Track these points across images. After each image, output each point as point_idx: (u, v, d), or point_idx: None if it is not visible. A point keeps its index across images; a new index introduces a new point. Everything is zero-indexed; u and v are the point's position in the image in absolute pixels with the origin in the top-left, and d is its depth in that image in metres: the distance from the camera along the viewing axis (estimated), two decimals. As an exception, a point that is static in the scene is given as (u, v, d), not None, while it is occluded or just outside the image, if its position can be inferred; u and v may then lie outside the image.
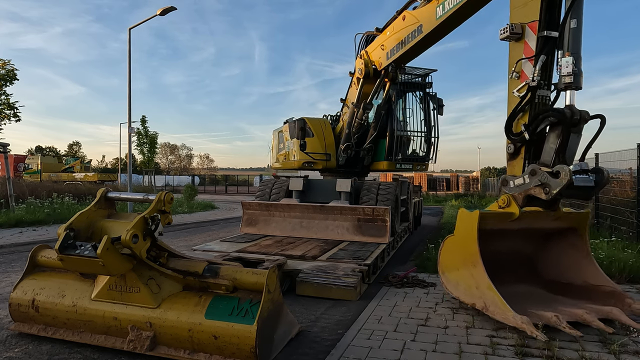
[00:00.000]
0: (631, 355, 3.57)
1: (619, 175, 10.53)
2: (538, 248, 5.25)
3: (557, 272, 5.05)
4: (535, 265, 5.24)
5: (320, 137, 9.91)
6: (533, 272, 5.19)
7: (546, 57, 4.70)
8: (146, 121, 34.78)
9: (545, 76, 4.78)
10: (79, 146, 78.46)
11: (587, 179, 4.49)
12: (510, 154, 4.96)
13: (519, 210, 4.61)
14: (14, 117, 17.85)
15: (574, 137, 4.56)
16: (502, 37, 5.04)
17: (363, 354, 3.61)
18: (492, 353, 3.61)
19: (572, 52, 4.50)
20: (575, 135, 4.56)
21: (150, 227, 3.49)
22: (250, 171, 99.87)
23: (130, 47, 16.74)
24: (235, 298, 3.47)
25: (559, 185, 4.25)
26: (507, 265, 5.00)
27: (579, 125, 4.52)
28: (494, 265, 4.36)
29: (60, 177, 35.50)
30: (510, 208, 4.67)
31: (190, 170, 75.54)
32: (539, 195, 4.45)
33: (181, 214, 18.60)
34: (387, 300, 5.27)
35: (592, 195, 4.69)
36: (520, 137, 4.79)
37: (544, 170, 4.39)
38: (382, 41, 8.35)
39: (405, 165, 9.90)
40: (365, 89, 9.01)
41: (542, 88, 4.77)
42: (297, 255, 6.43)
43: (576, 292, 4.75)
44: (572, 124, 4.48)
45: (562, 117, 4.47)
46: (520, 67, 4.86)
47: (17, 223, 12.94)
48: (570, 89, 4.55)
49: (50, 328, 3.86)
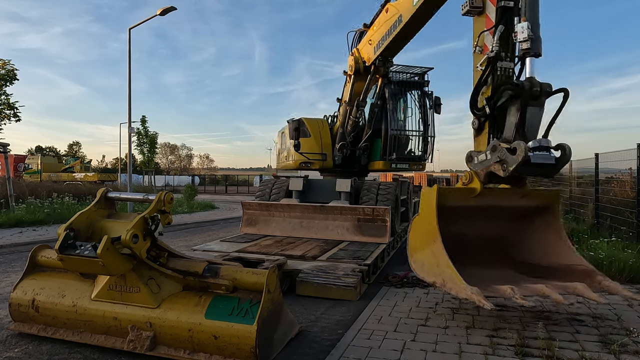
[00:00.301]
0: (631, 355, 3.57)
1: (619, 175, 10.54)
2: (512, 228, 5.07)
3: (531, 253, 4.90)
4: (510, 246, 5.07)
5: (317, 137, 9.93)
6: (508, 254, 5.02)
7: (504, 27, 4.59)
8: (146, 121, 34.75)
9: (507, 48, 4.66)
10: (79, 146, 78.51)
11: (547, 156, 4.26)
12: (475, 130, 4.84)
13: (480, 186, 4.48)
14: (14, 117, 17.83)
15: (535, 110, 4.35)
16: (464, 12, 4.98)
17: (363, 354, 3.61)
18: (492, 353, 3.61)
19: (529, 18, 4.35)
20: (537, 109, 4.36)
21: (150, 227, 3.49)
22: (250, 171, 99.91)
23: (130, 47, 16.75)
24: (235, 298, 3.47)
25: (515, 162, 4.08)
26: (480, 247, 4.87)
27: (540, 98, 4.32)
28: (465, 246, 4.31)
29: (60, 177, 35.50)
30: (473, 184, 4.55)
31: (190, 170, 75.54)
32: (498, 172, 4.29)
33: (181, 214, 18.60)
34: (387, 300, 5.27)
35: (553, 173, 4.46)
36: (483, 111, 4.65)
37: (503, 147, 4.23)
38: (369, 36, 8.35)
39: (401, 165, 9.86)
40: (357, 86, 9.00)
41: (503, 60, 4.65)
42: (297, 255, 6.43)
43: (550, 272, 4.61)
44: (531, 96, 4.29)
45: (518, 90, 4.29)
46: (482, 41, 4.80)
47: (17, 223, 12.94)
48: (528, 56, 4.38)
49: (50, 328, 3.86)
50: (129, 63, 16.83)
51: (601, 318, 4.53)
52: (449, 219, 4.33)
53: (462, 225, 4.69)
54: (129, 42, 16.69)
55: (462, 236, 4.63)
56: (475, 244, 4.90)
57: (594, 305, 5.00)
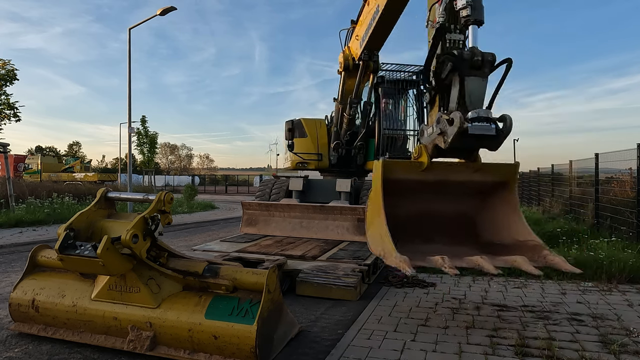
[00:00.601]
0: (631, 355, 3.57)
1: (619, 175, 10.54)
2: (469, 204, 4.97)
3: (490, 229, 4.80)
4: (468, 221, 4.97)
5: (313, 137, 9.95)
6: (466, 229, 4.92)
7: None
8: (146, 121, 34.79)
9: (454, 19, 4.52)
10: (79, 146, 78.62)
11: (487, 127, 4.04)
12: (427, 103, 4.79)
13: (427, 160, 4.40)
14: (14, 117, 17.84)
15: (478, 81, 4.21)
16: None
17: (363, 354, 3.61)
18: (492, 353, 3.61)
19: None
20: (480, 80, 4.21)
21: (150, 227, 3.49)
22: (250, 171, 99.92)
23: (130, 47, 16.76)
24: (235, 298, 3.47)
25: (453, 133, 4.00)
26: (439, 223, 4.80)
27: (482, 68, 4.18)
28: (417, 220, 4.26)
29: (60, 177, 35.53)
30: (421, 158, 4.48)
31: (190, 170, 75.59)
32: (440, 144, 4.21)
33: (181, 214, 18.60)
34: (387, 300, 5.27)
35: (497, 145, 4.27)
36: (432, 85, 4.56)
37: (444, 118, 4.15)
38: (357, 32, 8.33)
39: None
40: (348, 84, 8.96)
41: (452, 32, 4.49)
42: (297, 255, 6.42)
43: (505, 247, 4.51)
44: (473, 66, 4.16)
45: (456, 60, 4.18)
46: (434, 15, 4.70)
47: (17, 223, 12.95)
48: (470, 24, 4.24)
49: (50, 328, 3.86)
50: (129, 63, 16.84)
51: (601, 318, 4.53)
52: (399, 192, 4.28)
53: (413, 199, 4.62)
54: (129, 42, 16.70)
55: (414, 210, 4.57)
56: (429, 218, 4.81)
57: (594, 305, 5.01)
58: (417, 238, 4.33)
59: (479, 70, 4.16)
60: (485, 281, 6.21)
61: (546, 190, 16.67)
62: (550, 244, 8.11)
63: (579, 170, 12.83)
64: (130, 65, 16.87)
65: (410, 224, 4.28)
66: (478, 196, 4.84)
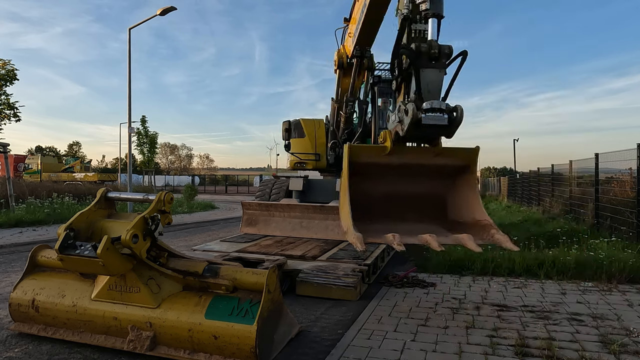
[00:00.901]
0: (631, 355, 3.57)
1: (619, 175, 10.54)
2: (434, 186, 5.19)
3: (454, 210, 5.03)
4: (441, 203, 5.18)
5: (311, 138, 9.97)
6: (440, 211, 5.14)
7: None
8: (146, 121, 34.82)
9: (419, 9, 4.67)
10: (79, 146, 78.63)
11: (439, 117, 4.33)
12: (394, 91, 4.96)
13: (390, 144, 4.63)
14: (14, 117, 17.85)
15: (435, 72, 4.44)
16: None
17: (363, 354, 3.61)
18: (492, 353, 3.61)
19: None
20: (437, 71, 4.44)
21: (150, 227, 3.49)
22: (250, 171, 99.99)
23: (130, 47, 16.77)
24: (235, 298, 3.47)
25: (407, 123, 4.25)
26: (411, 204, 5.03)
27: (439, 60, 4.41)
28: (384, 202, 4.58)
29: (60, 177, 35.54)
30: (386, 143, 4.70)
31: (190, 170, 75.62)
32: (400, 132, 4.45)
33: (181, 214, 18.60)
34: (387, 300, 5.27)
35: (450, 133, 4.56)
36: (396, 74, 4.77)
37: (402, 108, 4.38)
38: (350, 29, 8.34)
39: None
40: (344, 82, 8.94)
41: (418, 22, 4.67)
42: (297, 255, 6.42)
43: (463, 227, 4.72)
44: (431, 59, 4.39)
45: (411, 54, 4.40)
46: (402, 5, 4.81)
47: (17, 223, 12.95)
48: (429, 17, 4.42)
49: (50, 328, 3.86)
50: (129, 63, 16.84)
51: (601, 318, 4.54)
52: (369, 175, 4.61)
53: (382, 180, 4.89)
54: (129, 42, 16.71)
55: (384, 192, 4.87)
56: (401, 199, 5.06)
57: (594, 305, 5.01)
58: (390, 218, 4.65)
59: (436, 62, 4.39)
60: (485, 281, 6.21)
61: (546, 190, 16.67)
62: (550, 244, 8.14)
63: (579, 170, 12.84)
64: (130, 65, 16.89)
65: (383, 205, 4.61)
66: (442, 178, 5.09)
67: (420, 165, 4.90)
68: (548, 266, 6.52)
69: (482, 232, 4.42)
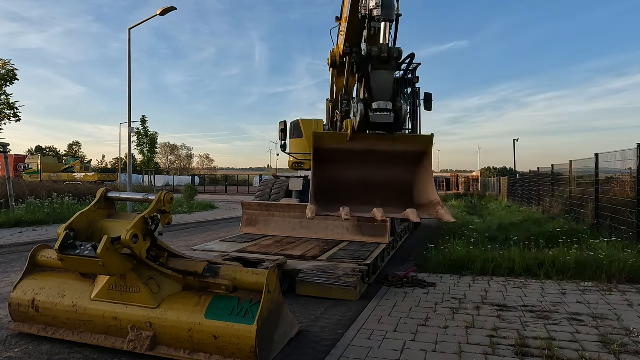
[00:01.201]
0: (631, 355, 3.57)
1: (619, 175, 10.54)
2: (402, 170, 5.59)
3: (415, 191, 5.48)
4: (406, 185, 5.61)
5: (309, 138, 9.97)
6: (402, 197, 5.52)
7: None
8: (146, 121, 34.77)
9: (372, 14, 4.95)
10: (79, 146, 78.49)
11: (386, 116, 4.78)
12: (357, 83, 5.32)
13: (350, 132, 5.17)
14: (14, 117, 17.86)
15: (385, 73, 4.85)
16: None
17: (363, 354, 3.61)
18: (492, 353, 3.61)
19: None
20: (387, 72, 4.86)
21: (150, 227, 3.49)
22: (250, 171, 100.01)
23: (130, 47, 16.76)
24: (235, 298, 3.47)
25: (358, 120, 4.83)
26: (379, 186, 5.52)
27: (389, 62, 4.79)
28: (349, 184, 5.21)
29: (60, 177, 35.53)
30: (347, 131, 5.26)
31: (190, 170, 75.62)
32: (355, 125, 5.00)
33: (181, 214, 18.60)
34: (387, 300, 5.27)
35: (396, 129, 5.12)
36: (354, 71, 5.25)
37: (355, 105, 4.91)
38: (341, 27, 8.37)
39: None
40: (338, 82, 8.92)
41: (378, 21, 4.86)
42: (297, 255, 6.42)
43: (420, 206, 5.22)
44: (382, 61, 4.77)
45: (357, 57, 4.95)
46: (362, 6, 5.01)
47: (17, 223, 12.94)
48: (381, 22, 4.70)
49: (50, 328, 3.86)
50: (129, 63, 16.84)
51: (601, 318, 4.54)
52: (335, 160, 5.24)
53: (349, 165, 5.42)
54: (129, 42, 16.70)
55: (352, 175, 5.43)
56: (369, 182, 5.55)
57: (594, 305, 5.01)
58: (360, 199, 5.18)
59: (387, 64, 4.81)
60: (485, 281, 6.21)
61: (546, 190, 16.67)
62: (550, 244, 8.14)
63: (579, 170, 12.83)
64: (130, 66, 16.88)
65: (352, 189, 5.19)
66: (405, 164, 5.57)
67: (382, 152, 5.45)
68: (548, 266, 6.52)
69: (432, 209, 5.03)
